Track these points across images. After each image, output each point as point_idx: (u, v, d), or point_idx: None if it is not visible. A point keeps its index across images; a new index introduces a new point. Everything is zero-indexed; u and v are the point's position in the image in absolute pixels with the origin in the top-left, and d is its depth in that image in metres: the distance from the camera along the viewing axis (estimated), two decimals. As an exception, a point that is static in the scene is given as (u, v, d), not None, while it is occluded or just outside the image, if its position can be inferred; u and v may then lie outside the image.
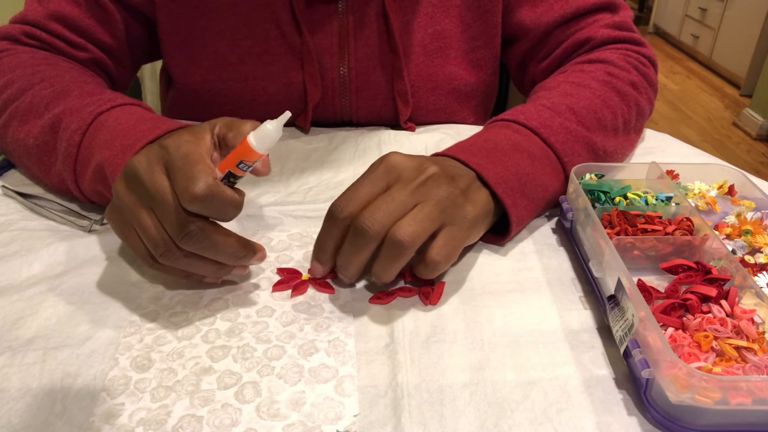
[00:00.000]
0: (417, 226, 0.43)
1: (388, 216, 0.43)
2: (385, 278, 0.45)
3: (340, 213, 0.44)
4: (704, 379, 0.33)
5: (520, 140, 0.54)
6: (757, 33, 3.16)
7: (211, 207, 0.41)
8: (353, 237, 0.44)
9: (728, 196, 0.56)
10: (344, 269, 0.46)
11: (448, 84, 0.74)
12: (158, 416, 0.37)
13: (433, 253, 0.44)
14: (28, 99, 0.58)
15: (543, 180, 0.53)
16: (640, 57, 0.70)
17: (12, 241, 0.52)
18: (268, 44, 0.69)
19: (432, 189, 0.45)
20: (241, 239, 0.44)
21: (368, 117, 0.75)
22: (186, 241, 0.41)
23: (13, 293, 0.46)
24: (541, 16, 0.71)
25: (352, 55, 0.70)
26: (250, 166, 0.42)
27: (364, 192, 0.45)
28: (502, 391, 0.38)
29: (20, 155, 0.59)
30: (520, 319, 0.44)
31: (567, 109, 0.58)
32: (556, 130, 0.56)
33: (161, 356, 0.41)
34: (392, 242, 0.43)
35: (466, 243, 0.48)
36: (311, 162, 0.66)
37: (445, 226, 0.45)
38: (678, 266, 0.45)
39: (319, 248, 0.47)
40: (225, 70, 0.70)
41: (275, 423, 0.36)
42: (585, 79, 0.64)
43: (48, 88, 0.58)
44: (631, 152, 0.68)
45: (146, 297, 0.46)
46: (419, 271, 0.45)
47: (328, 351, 0.41)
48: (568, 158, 0.55)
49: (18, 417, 0.36)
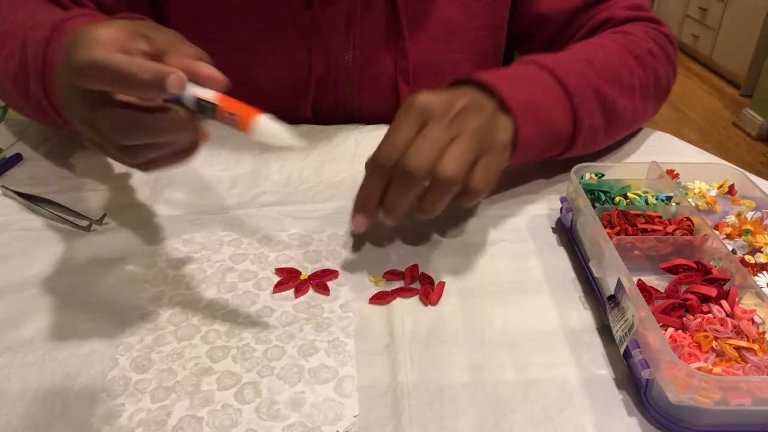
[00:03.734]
0: (460, 161, 0.45)
1: (430, 153, 0.45)
2: (435, 212, 0.47)
3: (387, 162, 0.46)
4: (704, 380, 0.33)
5: (536, 76, 0.57)
6: (757, 33, 3.16)
7: (105, 74, 0.37)
8: (401, 180, 0.45)
9: (728, 195, 0.56)
10: (391, 212, 0.47)
11: (450, 71, 0.75)
12: (158, 417, 0.37)
13: (475, 182, 0.46)
14: (8, 25, 0.58)
15: (553, 113, 0.56)
16: (659, 34, 0.71)
17: (12, 241, 0.52)
18: (276, 21, 0.69)
19: (464, 121, 0.47)
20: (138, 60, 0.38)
21: (369, 101, 0.75)
22: (124, 137, 0.38)
23: (13, 293, 0.46)
24: (562, 3, 0.72)
25: (358, 35, 0.71)
26: (215, 117, 0.39)
27: (402, 138, 0.46)
28: (502, 391, 0.38)
29: (5, 86, 0.59)
30: (520, 319, 0.44)
31: (583, 59, 0.61)
32: (569, 72, 0.58)
33: (161, 357, 0.41)
34: (440, 180, 0.45)
35: (501, 168, 0.50)
36: (311, 162, 0.66)
37: (482, 155, 0.47)
38: (678, 266, 0.45)
39: (365, 199, 0.47)
40: (233, 46, 0.71)
41: (275, 424, 0.36)
42: (605, 41, 0.67)
43: (27, 15, 0.58)
44: (645, 121, 0.69)
45: (146, 297, 0.46)
46: (461, 200, 0.47)
47: (328, 351, 0.41)
48: (579, 98, 0.57)
49: (18, 417, 0.36)
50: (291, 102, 0.73)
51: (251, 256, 0.51)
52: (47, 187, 0.60)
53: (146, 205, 0.57)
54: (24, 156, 0.66)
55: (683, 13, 4.07)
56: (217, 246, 0.52)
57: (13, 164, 0.64)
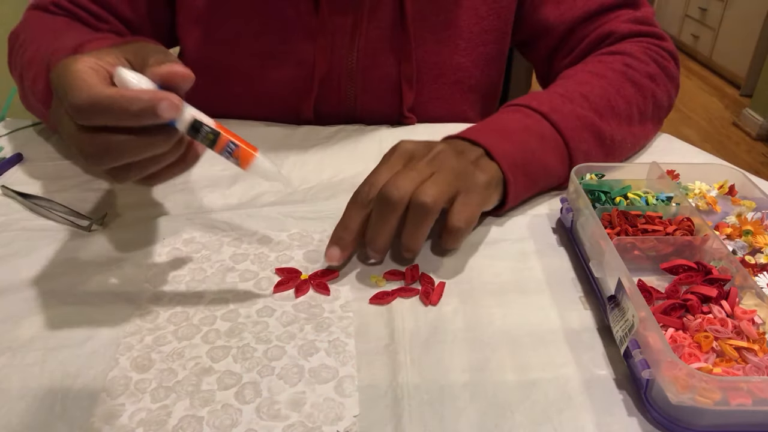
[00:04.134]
0: (437, 188, 0.46)
1: (409, 182, 0.46)
2: (414, 245, 0.48)
3: (367, 196, 0.47)
4: (704, 380, 0.33)
5: (530, 123, 0.57)
6: (757, 33, 3.16)
7: (105, 113, 0.37)
8: (379, 207, 0.46)
9: (729, 196, 0.56)
10: (373, 242, 0.47)
11: (453, 74, 0.75)
12: (158, 417, 0.37)
13: (454, 220, 0.47)
14: (35, 48, 0.62)
15: (547, 162, 0.56)
16: (660, 51, 0.70)
17: (12, 241, 0.52)
18: (283, 22, 0.70)
19: (444, 161, 0.49)
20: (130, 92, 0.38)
21: (372, 101, 0.75)
22: (83, 114, 0.38)
23: (13, 293, 0.46)
24: (565, 13, 0.72)
25: (363, 36, 0.70)
26: (217, 144, 0.40)
27: (383, 174, 0.48)
28: (503, 391, 0.38)
29: (37, 107, 0.63)
30: (521, 319, 0.44)
31: (579, 96, 0.61)
32: (566, 116, 0.58)
33: (161, 356, 0.41)
34: (417, 205, 0.46)
35: (482, 208, 0.51)
36: (311, 162, 0.66)
37: (460, 193, 0.48)
38: (678, 266, 0.45)
39: (342, 230, 0.48)
40: (238, 46, 0.71)
41: (275, 423, 0.36)
42: (602, 69, 0.66)
43: (52, 39, 0.61)
44: (646, 143, 0.69)
45: (146, 297, 0.46)
46: (444, 242, 0.48)
47: (329, 351, 0.41)
48: (575, 144, 0.57)
49: (18, 417, 0.36)
50: (294, 102, 0.74)
51: (251, 256, 0.51)
52: (47, 187, 0.60)
53: (146, 205, 0.57)
54: (24, 156, 0.66)
55: (683, 13, 4.07)
56: (217, 246, 0.52)
57: (13, 164, 0.64)
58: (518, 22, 0.76)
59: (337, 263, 0.48)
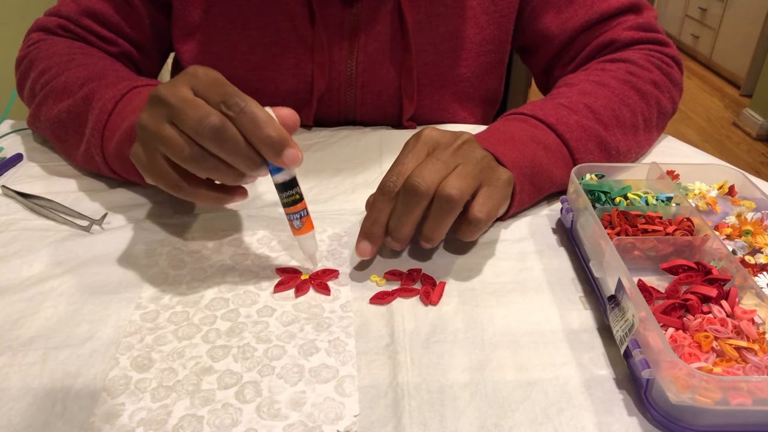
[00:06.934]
0: (462, 181, 0.46)
1: (435, 174, 0.46)
2: (436, 237, 0.47)
3: (394, 187, 0.47)
4: (704, 380, 0.33)
5: (537, 133, 0.57)
6: (757, 33, 3.16)
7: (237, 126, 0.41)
8: (405, 198, 0.46)
9: (728, 196, 0.56)
10: (397, 232, 0.47)
11: (454, 85, 0.74)
12: (159, 416, 0.37)
13: (476, 211, 0.47)
14: (63, 80, 0.61)
15: (553, 172, 0.56)
16: (663, 57, 0.70)
17: (12, 241, 0.52)
18: (278, 35, 0.69)
19: (469, 151, 0.49)
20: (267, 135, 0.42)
21: (371, 113, 0.75)
22: (209, 133, 0.40)
23: (13, 293, 0.46)
24: (566, 21, 0.71)
25: (362, 50, 0.70)
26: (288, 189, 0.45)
27: (409, 164, 0.47)
28: (503, 391, 0.38)
29: (52, 130, 0.62)
30: (521, 319, 0.44)
31: (584, 107, 0.61)
32: (572, 127, 0.58)
33: (161, 356, 0.41)
34: (442, 198, 0.45)
35: (502, 203, 0.50)
36: (311, 162, 0.66)
37: (483, 185, 0.48)
38: (678, 266, 0.45)
39: (372, 224, 0.47)
40: (234, 58, 0.71)
41: (276, 423, 0.36)
42: (605, 77, 0.65)
43: (83, 71, 0.61)
44: (649, 149, 0.69)
45: (146, 297, 0.46)
46: (463, 233, 0.48)
47: (329, 351, 0.41)
48: (581, 155, 0.58)
49: (18, 417, 0.36)
50: None
51: (252, 256, 0.51)
52: (47, 187, 0.60)
53: (146, 205, 0.57)
54: (24, 156, 0.66)
55: (683, 13, 4.07)
56: (218, 246, 0.52)
57: (13, 164, 0.64)
58: (518, 30, 0.75)
59: (369, 257, 0.48)
